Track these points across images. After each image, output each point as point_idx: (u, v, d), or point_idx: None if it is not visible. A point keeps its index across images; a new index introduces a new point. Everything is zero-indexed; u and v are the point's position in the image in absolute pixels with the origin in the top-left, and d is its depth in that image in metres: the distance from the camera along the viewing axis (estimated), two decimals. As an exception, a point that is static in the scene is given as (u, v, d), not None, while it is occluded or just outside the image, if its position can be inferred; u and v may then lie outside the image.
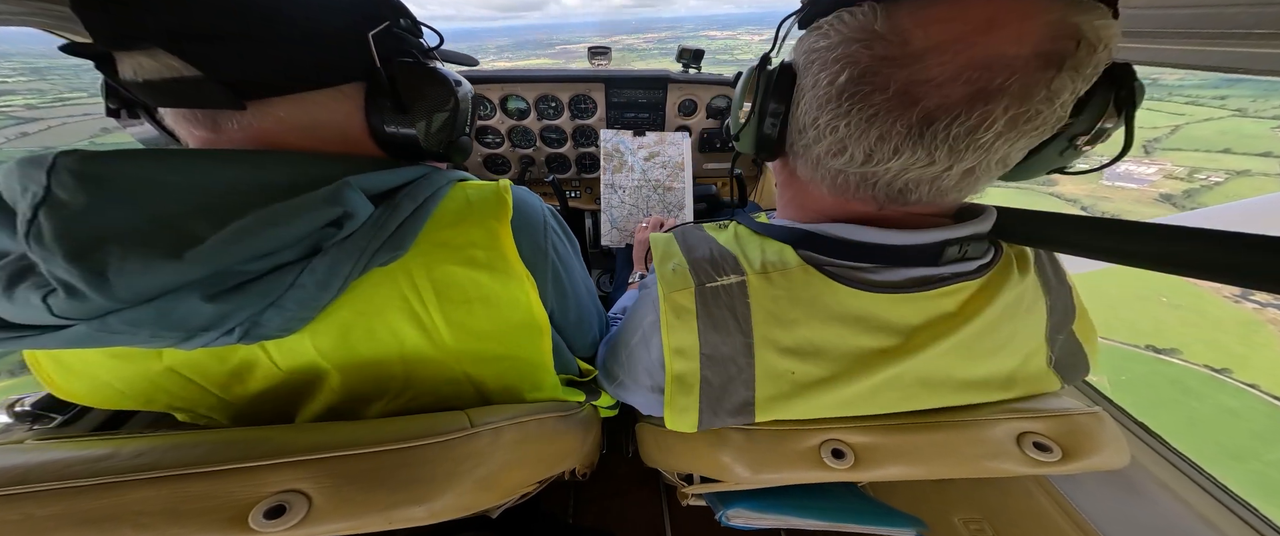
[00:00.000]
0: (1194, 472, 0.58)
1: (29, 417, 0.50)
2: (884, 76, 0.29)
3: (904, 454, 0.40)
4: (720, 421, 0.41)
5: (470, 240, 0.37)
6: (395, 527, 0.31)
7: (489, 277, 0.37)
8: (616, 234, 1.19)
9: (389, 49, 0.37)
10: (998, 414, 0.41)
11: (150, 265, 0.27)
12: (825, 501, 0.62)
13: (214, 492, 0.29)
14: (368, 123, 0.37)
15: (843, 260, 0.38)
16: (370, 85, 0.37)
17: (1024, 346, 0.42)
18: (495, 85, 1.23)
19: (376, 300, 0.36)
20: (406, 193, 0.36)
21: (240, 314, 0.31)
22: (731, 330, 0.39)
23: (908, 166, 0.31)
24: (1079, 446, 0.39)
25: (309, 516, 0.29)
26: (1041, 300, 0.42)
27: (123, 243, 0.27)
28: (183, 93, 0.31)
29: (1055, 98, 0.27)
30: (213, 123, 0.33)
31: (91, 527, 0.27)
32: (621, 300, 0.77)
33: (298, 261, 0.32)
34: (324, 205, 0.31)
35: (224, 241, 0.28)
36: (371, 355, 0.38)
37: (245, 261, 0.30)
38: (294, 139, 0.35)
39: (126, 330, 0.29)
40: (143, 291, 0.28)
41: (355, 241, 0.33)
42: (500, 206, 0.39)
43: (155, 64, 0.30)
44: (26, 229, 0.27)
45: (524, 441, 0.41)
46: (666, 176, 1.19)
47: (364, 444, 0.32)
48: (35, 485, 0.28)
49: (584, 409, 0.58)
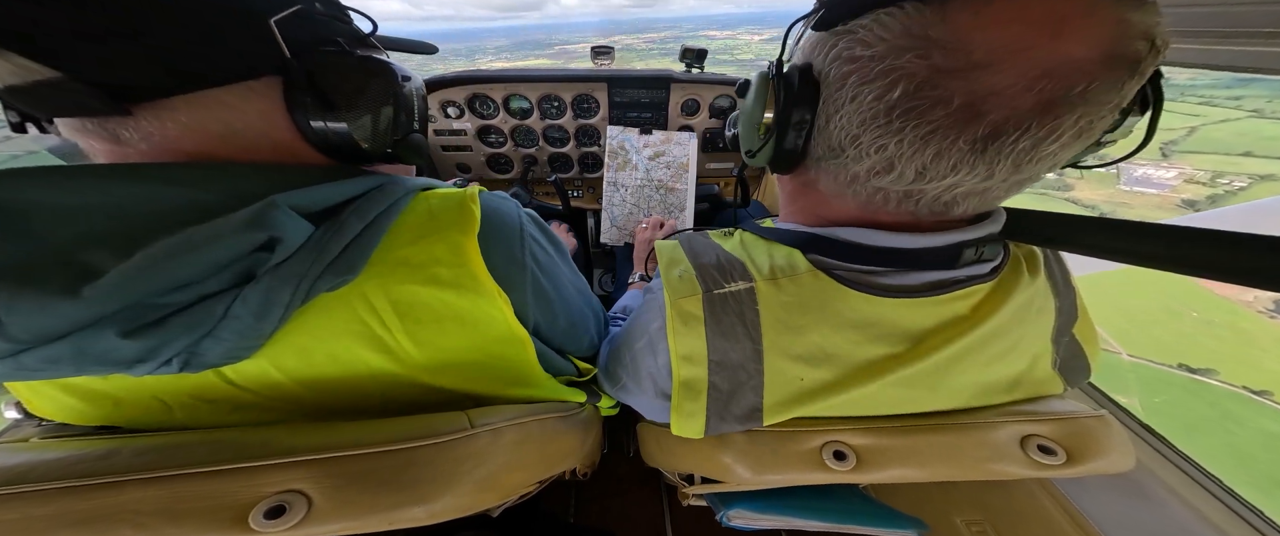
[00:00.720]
0: (1201, 476, 0.58)
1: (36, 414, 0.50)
2: (945, 89, 0.26)
3: (906, 456, 0.40)
4: (727, 427, 0.40)
5: (433, 257, 0.34)
6: (395, 528, 0.31)
7: (456, 296, 0.34)
8: (616, 232, 1.19)
9: (305, 37, 0.32)
10: (1001, 417, 0.41)
11: (44, 304, 0.24)
12: (826, 502, 0.61)
13: (214, 492, 0.29)
14: (294, 123, 0.33)
15: (854, 264, 0.37)
16: (286, 80, 0.32)
17: (1031, 348, 0.42)
18: (499, 85, 1.23)
19: (332, 325, 0.32)
20: (353, 209, 0.32)
21: (171, 347, 0.27)
22: (740, 337, 0.38)
23: (961, 181, 0.29)
24: (1084, 449, 0.39)
25: (309, 516, 0.28)
26: (1051, 302, 0.42)
27: (13, 280, 0.24)
28: (50, 98, 0.26)
29: (1123, 102, 0.26)
30: (110, 133, 0.29)
31: (89, 528, 0.27)
32: (622, 299, 0.76)
33: (227, 290, 0.28)
34: (245, 229, 0.27)
35: (128, 274, 0.25)
36: (339, 375, 0.35)
37: (160, 294, 0.26)
38: (214, 148, 0.31)
39: (46, 367, 0.26)
40: (41, 333, 0.25)
41: (292, 267, 0.29)
42: (465, 218, 0.35)
43: (7, 66, 0.25)
44: None
45: (524, 442, 0.41)
46: (670, 177, 1.18)
47: (364, 444, 0.32)
48: (35, 485, 0.28)
49: (585, 409, 0.58)
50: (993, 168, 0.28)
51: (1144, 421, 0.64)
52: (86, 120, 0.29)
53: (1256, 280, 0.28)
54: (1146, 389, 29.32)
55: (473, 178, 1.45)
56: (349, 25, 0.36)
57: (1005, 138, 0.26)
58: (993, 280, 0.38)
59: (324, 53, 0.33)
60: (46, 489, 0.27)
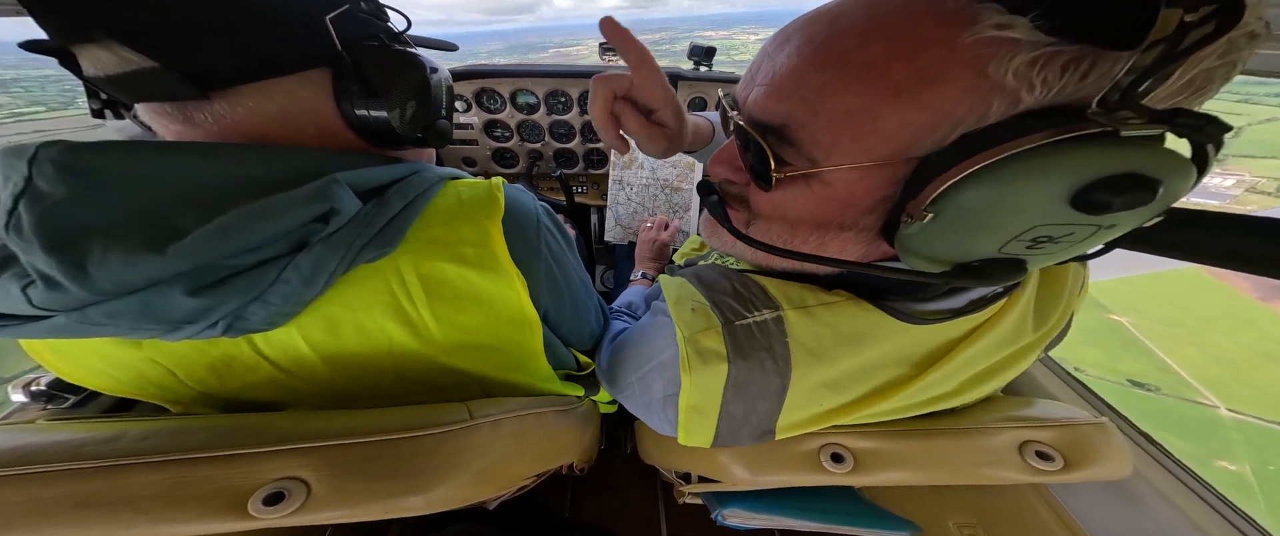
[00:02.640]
0: (1193, 482, 0.58)
1: (43, 397, 0.51)
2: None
3: (904, 459, 0.40)
4: (737, 443, 0.39)
5: (461, 237, 0.37)
6: (393, 517, 0.32)
7: (478, 275, 0.37)
8: (620, 231, 1.19)
9: (352, 33, 0.36)
10: (1000, 422, 0.41)
11: (132, 259, 0.27)
12: (821, 503, 0.62)
13: (214, 478, 0.29)
14: (339, 109, 0.37)
15: (900, 296, 0.35)
16: (336, 70, 0.36)
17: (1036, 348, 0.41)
18: (505, 79, 1.23)
19: (365, 296, 0.35)
20: (396, 189, 0.36)
21: (223, 308, 0.30)
22: (768, 371, 0.35)
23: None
24: (1082, 456, 0.39)
25: (307, 504, 0.29)
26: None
27: (104, 235, 0.27)
28: (144, 85, 0.30)
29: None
30: (184, 116, 0.33)
31: (92, 510, 0.27)
32: (624, 295, 0.76)
33: (282, 256, 0.31)
34: (310, 201, 0.31)
35: (209, 236, 0.28)
36: (359, 349, 0.38)
37: (229, 256, 0.29)
38: (271, 130, 0.35)
39: (107, 322, 0.29)
40: (124, 284, 0.28)
41: (341, 237, 0.32)
42: (492, 205, 0.38)
43: (113, 57, 0.29)
44: (6, 220, 0.27)
45: (523, 434, 0.41)
46: (676, 176, 1.18)
47: (364, 433, 0.32)
48: (41, 466, 0.28)
49: (583, 403, 0.58)
50: None
51: (1256, 489, 0.61)
52: (167, 104, 0.32)
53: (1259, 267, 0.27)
54: (1258, 453, 22.04)
55: (479, 172, 1.45)
56: (387, 23, 0.40)
57: None
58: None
59: (368, 47, 0.37)
60: (53, 470, 0.28)
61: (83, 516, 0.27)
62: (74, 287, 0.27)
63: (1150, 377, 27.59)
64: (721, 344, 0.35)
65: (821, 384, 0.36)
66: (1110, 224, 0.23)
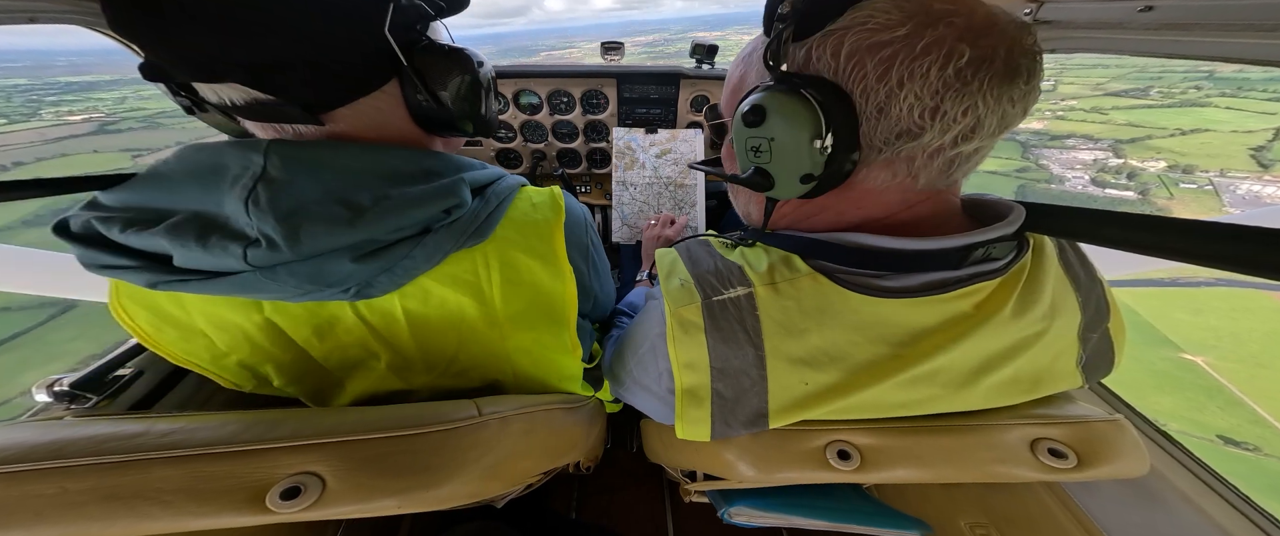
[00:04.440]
0: (1215, 481, 0.56)
1: (66, 397, 0.53)
2: (986, 48, 0.30)
3: (912, 457, 0.40)
4: (733, 431, 0.40)
5: (536, 233, 0.46)
6: (405, 512, 0.32)
7: (542, 267, 0.45)
8: (627, 231, 1.19)
9: (402, 38, 0.40)
10: (1011, 419, 0.40)
11: (331, 230, 0.35)
12: (828, 501, 0.61)
13: (234, 472, 0.30)
14: (408, 110, 0.43)
15: (854, 268, 0.38)
16: (401, 77, 0.42)
17: (1054, 345, 0.41)
18: (508, 80, 1.24)
19: (456, 273, 0.43)
20: (493, 190, 0.45)
21: (365, 273, 0.38)
22: (742, 343, 0.38)
23: (985, 148, 0.34)
24: (1096, 454, 0.38)
25: (323, 498, 0.30)
26: (1070, 296, 0.41)
27: (312, 210, 0.35)
28: (265, 112, 0.37)
29: None
30: (295, 131, 0.40)
31: (119, 503, 0.28)
32: (629, 296, 0.77)
33: (413, 237, 0.39)
34: (447, 195, 0.39)
35: (378, 216, 0.36)
36: (440, 317, 0.45)
37: (387, 232, 0.37)
38: (365, 131, 0.41)
39: (286, 280, 0.36)
40: (319, 249, 0.35)
41: (458, 226, 0.40)
42: (557, 210, 0.48)
43: (235, 92, 0.36)
44: (247, 196, 0.34)
45: (530, 432, 0.42)
46: (678, 174, 1.18)
47: (377, 429, 0.33)
48: (70, 460, 0.29)
49: (590, 401, 0.59)
50: (1028, 103, 0.32)
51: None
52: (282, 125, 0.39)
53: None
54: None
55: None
56: (426, 25, 0.45)
57: (1031, 79, 0.31)
58: (998, 278, 0.37)
59: (420, 49, 0.42)
60: (82, 464, 0.29)
61: (109, 509, 0.28)
62: (288, 249, 0.34)
63: (1244, 433, 22.85)
64: (700, 316, 0.40)
65: (799, 360, 0.38)
66: (769, 136, 0.35)
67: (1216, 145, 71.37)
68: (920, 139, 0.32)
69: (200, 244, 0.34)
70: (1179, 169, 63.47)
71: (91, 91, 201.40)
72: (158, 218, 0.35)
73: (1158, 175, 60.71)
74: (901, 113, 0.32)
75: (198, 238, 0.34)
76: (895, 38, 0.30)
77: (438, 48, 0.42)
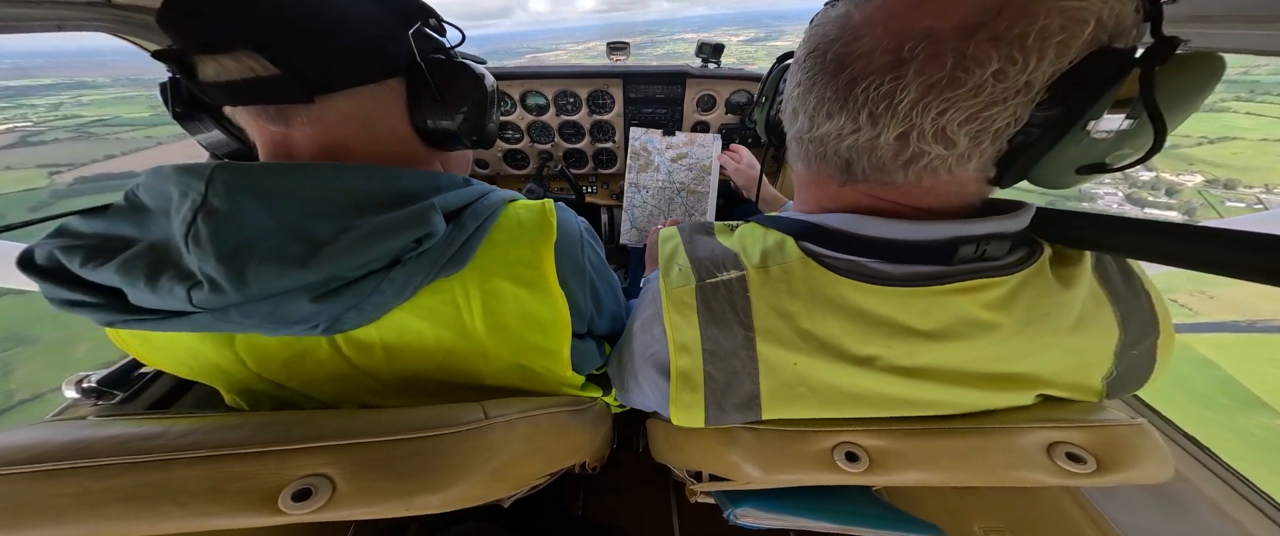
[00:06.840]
0: (1244, 488, 0.54)
1: (93, 393, 0.55)
2: (822, 49, 0.34)
3: (922, 460, 0.39)
4: (727, 417, 0.40)
5: (519, 258, 0.41)
6: (413, 514, 0.33)
7: (528, 294, 0.42)
8: (636, 234, 1.19)
9: (422, 46, 0.41)
10: (1027, 421, 0.39)
11: (282, 271, 0.31)
12: (837, 504, 0.61)
13: (248, 474, 0.31)
14: (410, 115, 0.42)
15: (844, 254, 0.38)
16: (410, 80, 0.41)
17: (1075, 359, 0.39)
18: (515, 81, 1.24)
19: (433, 305, 0.40)
20: (470, 211, 0.40)
21: (328, 313, 0.35)
22: (732, 324, 0.39)
23: (842, 133, 0.34)
24: (1117, 458, 0.37)
25: (332, 500, 0.30)
26: (1106, 311, 0.38)
27: (259, 249, 0.31)
28: (261, 90, 0.35)
29: (978, 66, 0.27)
30: (284, 118, 0.37)
31: (138, 503, 0.29)
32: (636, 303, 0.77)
33: (381, 270, 0.35)
34: (416, 225, 0.35)
35: (338, 252, 0.32)
36: (419, 347, 0.42)
37: (350, 269, 0.34)
38: (356, 133, 0.40)
39: (241, 321, 0.33)
40: (268, 290, 0.31)
41: (429, 256, 0.37)
42: (546, 229, 0.43)
43: (238, 65, 0.34)
44: (186, 230, 0.31)
45: (536, 434, 0.42)
46: (692, 180, 1.18)
47: (384, 432, 0.33)
48: (93, 460, 0.30)
49: (596, 403, 0.59)
50: (856, 117, 0.32)
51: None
52: (269, 107, 0.36)
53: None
54: None
55: (490, 174, 1.47)
56: (445, 37, 0.46)
57: (858, 87, 0.31)
58: (1002, 279, 0.36)
59: (435, 59, 0.42)
60: (104, 464, 0.30)
61: (128, 509, 0.29)
62: (232, 292, 0.30)
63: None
64: (693, 297, 0.40)
65: (789, 343, 0.38)
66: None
67: (1249, 155, 66.32)
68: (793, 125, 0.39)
69: (149, 284, 0.31)
70: (1219, 183, 57.93)
71: (25, 97, 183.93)
72: (121, 247, 0.32)
73: (1198, 190, 53.31)
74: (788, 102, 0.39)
75: (148, 277, 0.31)
76: (816, 35, 0.35)
77: (452, 60, 0.43)
